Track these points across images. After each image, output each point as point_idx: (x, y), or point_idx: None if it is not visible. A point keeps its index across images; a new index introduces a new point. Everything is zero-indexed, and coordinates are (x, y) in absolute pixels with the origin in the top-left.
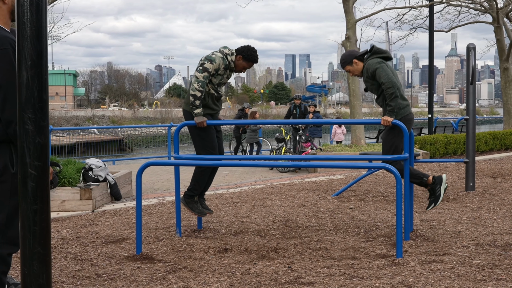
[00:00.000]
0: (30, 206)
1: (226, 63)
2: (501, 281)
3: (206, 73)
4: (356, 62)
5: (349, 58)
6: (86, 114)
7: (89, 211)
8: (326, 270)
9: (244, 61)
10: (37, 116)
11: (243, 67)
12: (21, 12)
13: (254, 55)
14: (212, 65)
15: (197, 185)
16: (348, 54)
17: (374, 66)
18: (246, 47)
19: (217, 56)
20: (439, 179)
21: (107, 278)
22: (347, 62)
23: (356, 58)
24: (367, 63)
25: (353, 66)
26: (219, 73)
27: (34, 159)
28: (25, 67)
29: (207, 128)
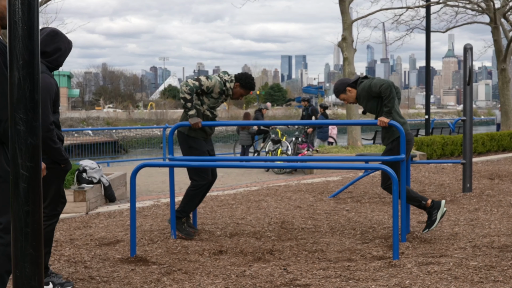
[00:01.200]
0: (21, 208)
1: (223, 89)
2: (498, 282)
3: (198, 83)
4: (350, 90)
5: (342, 86)
6: (80, 115)
7: (83, 213)
8: (322, 272)
9: (241, 89)
10: (28, 116)
11: (240, 94)
12: (12, 11)
13: (252, 83)
14: (207, 81)
15: (187, 207)
16: (340, 83)
17: (369, 82)
18: (243, 75)
19: (215, 77)
20: (437, 204)
21: (101, 281)
22: (341, 91)
23: (349, 86)
24: (362, 85)
25: (347, 94)
26: (213, 96)
27: (26, 160)
28: (16, 67)
29: (200, 150)
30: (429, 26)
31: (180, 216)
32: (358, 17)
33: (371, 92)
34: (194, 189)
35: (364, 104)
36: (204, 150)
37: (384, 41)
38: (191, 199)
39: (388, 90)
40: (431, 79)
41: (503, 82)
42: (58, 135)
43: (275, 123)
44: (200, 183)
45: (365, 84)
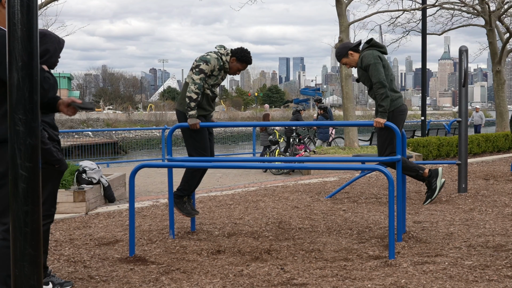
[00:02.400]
0: (21, 207)
1: (221, 64)
2: (492, 282)
3: (203, 75)
4: (352, 54)
5: (344, 50)
6: (80, 117)
7: (82, 213)
8: (319, 271)
9: (238, 63)
10: (28, 117)
11: (237, 68)
12: (11, 13)
13: (248, 56)
14: (208, 66)
15: (187, 186)
16: (342, 46)
17: (369, 61)
18: (239, 49)
19: (212, 57)
20: (435, 172)
21: (100, 280)
22: (343, 54)
23: (351, 50)
24: (363, 54)
25: (349, 57)
26: (214, 74)
27: (25, 160)
28: (15, 68)
29: (200, 129)
30: (425, 28)
31: (180, 194)
32: (355, 20)
33: (367, 69)
34: (193, 168)
35: (360, 72)
36: (203, 129)
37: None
38: (191, 177)
39: (381, 89)
40: (427, 81)
41: (498, 84)
42: (51, 135)
43: (276, 124)
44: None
45: (366, 57)
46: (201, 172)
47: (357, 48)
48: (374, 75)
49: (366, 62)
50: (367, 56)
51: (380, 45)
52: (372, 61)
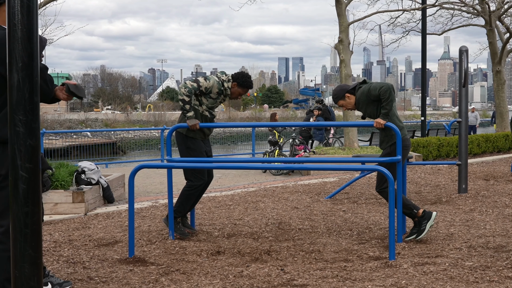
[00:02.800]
0: (21, 209)
1: (221, 89)
2: (493, 283)
3: (196, 84)
4: (349, 96)
5: (341, 93)
6: (79, 117)
7: (81, 214)
8: (319, 272)
9: (239, 88)
10: (28, 118)
11: (238, 93)
12: (12, 14)
13: (249, 81)
14: (205, 82)
15: (182, 207)
16: (339, 89)
17: (368, 86)
18: (240, 74)
19: (213, 78)
20: (428, 215)
21: (99, 281)
22: (339, 97)
23: (348, 92)
24: (360, 90)
25: (346, 100)
26: (212, 96)
27: (25, 161)
28: (16, 69)
29: (198, 152)
30: (425, 28)
31: (175, 216)
32: (354, 20)
33: (370, 96)
34: (190, 189)
35: (364, 109)
36: (202, 151)
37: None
38: (186, 199)
39: (387, 92)
40: (427, 81)
41: (498, 84)
42: None
43: (277, 124)
44: (196, 184)
45: (364, 88)
46: (197, 195)
47: (353, 91)
48: (379, 85)
49: (366, 89)
50: (365, 88)
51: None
52: (370, 85)
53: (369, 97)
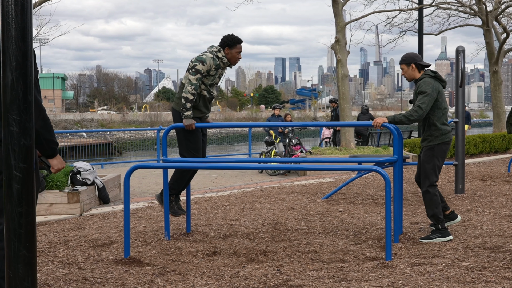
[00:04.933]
0: (15, 209)
1: (217, 63)
2: (490, 283)
3: (199, 75)
4: (413, 68)
5: (410, 60)
6: (74, 117)
7: (77, 215)
8: (315, 273)
9: (232, 49)
10: (22, 117)
11: (236, 55)
12: (5, 13)
13: (235, 37)
14: (204, 66)
15: (175, 185)
16: (412, 56)
17: (425, 89)
18: (224, 38)
19: (208, 56)
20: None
21: (94, 282)
22: (406, 62)
23: (415, 64)
24: (424, 80)
25: (409, 68)
26: (211, 73)
27: (19, 161)
28: (9, 68)
29: (194, 130)
30: (422, 28)
31: (169, 193)
32: (351, 20)
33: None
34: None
35: (415, 96)
36: (197, 130)
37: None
38: (180, 177)
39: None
40: None
41: (495, 84)
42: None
43: (274, 124)
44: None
45: (425, 84)
46: (191, 172)
47: (421, 67)
48: (422, 101)
49: (422, 89)
50: (425, 83)
51: (442, 78)
52: (427, 90)
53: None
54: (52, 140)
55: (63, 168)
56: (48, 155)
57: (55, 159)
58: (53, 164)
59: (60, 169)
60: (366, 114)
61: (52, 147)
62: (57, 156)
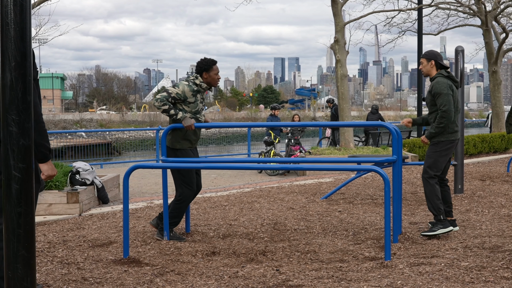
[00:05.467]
0: (14, 209)
1: (194, 89)
2: (489, 283)
3: (166, 93)
4: (432, 64)
5: (432, 56)
6: (74, 117)
7: (76, 215)
8: (314, 273)
9: (210, 72)
10: (21, 117)
11: (213, 78)
12: (4, 13)
13: (208, 60)
14: (175, 89)
15: (176, 220)
16: (435, 53)
17: (440, 90)
18: (199, 63)
19: (181, 83)
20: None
21: (93, 282)
22: (428, 57)
23: (435, 62)
24: (437, 80)
25: (428, 64)
26: (190, 101)
27: (18, 161)
28: (8, 68)
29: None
30: (421, 28)
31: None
32: (350, 20)
33: (435, 96)
34: (180, 201)
35: (428, 97)
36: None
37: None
38: (178, 212)
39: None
40: (423, 81)
41: (494, 84)
42: None
43: (272, 124)
44: (186, 194)
45: (439, 85)
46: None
47: (440, 65)
48: (443, 104)
49: (437, 91)
50: (440, 84)
51: (455, 78)
52: (443, 91)
53: (434, 96)
54: (44, 144)
55: (54, 175)
56: (39, 159)
57: (46, 165)
58: (44, 169)
59: (51, 176)
60: (376, 114)
61: (42, 152)
62: (48, 162)
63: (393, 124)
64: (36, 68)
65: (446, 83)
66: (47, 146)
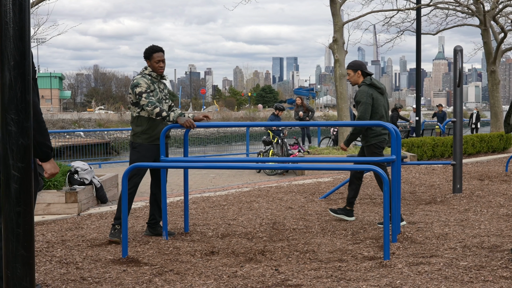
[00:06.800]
0: (13, 208)
1: (149, 78)
2: (488, 282)
3: (145, 94)
4: (359, 74)
5: (358, 67)
6: (72, 117)
7: (74, 215)
8: (313, 272)
9: (152, 60)
10: (20, 117)
11: (157, 63)
12: (3, 12)
13: (150, 48)
14: (142, 86)
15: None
16: (360, 63)
17: (360, 99)
18: (144, 52)
19: (138, 78)
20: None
21: (92, 282)
22: (354, 68)
23: (361, 72)
24: (360, 89)
25: (355, 74)
26: (151, 88)
27: (17, 161)
28: (8, 67)
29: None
30: (420, 28)
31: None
32: (349, 19)
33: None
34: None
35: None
36: (143, 155)
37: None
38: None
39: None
40: (421, 81)
41: (492, 84)
42: None
43: (271, 124)
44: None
45: (361, 93)
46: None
47: (365, 75)
48: (361, 111)
49: (358, 99)
50: (361, 93)
51: (378, 85)
52: (363, 99)
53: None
54: (45, 143)
55: (56, 173)
56: (41, 158)
57: (49, 163)
58: (46, 168)
59: (54, 174)
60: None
61: (44, 151)
62: (50, 160)
63: (392, 124)
64: (34, 68)
65: (367, 92)
66: (49, 145)
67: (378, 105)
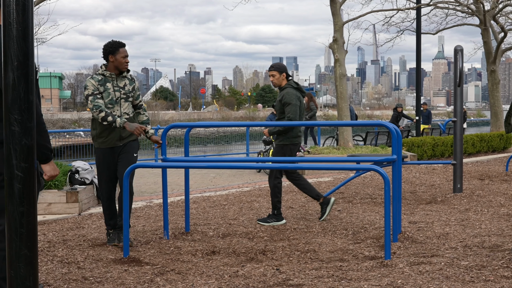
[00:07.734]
0: (16, 208)
1: (99, 79)
2: (489, 282)
3: (91, 96)
4: (284, 77)
5: (283, 69)
6: (72, 117)
7: (75, 214)
8: (314, 272)
9: (116, 55)
10: (23, 117)
11: (121, 60)
12: (7, 13)
13: (116, 42)
14: (87, 90)
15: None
16: (284, 66)
17: (290, 100)
18: (105, 46)
19: (87, 81)
20: (327, 201)
21: (94, 281)
22: (280, 70)
23: (286, 75)
24: (287, 91)
25: (280, 76)
26: (100, 90)
27: (21, 161)
28: (11, 68)
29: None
30: (420, 28)
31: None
32: (349, 19)
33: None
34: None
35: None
36: (101, 162)
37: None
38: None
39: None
40: (421, 81)
41: (492, 84)
42: None
43: (271, 124)
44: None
45: (289, 95)
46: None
47: (288, 77)
48: (291, 112)
49: (287, 100)
50: (289, 95)
51: (303, 90)
52: (291, 101)
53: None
54: (45, 145)
55: (56, 175)
56: (41, 160)
57: (48, 165)
58: (46, 170)
59: (53, 176)
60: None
61: (44, 152)
62: (50, 162)
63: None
64: (35, 68)
65: (295, 95)
66: (49, 146)
67: (302, 108)
